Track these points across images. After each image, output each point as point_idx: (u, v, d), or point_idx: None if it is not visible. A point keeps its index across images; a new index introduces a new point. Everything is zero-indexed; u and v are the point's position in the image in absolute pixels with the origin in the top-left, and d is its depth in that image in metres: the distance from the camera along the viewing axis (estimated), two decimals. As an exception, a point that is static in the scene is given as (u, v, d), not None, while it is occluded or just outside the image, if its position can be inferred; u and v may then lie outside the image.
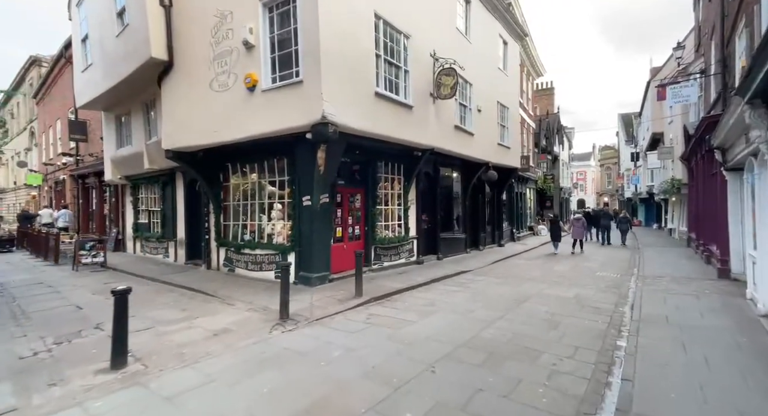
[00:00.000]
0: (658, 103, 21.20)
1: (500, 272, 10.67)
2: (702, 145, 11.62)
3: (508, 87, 15.56)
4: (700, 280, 9.04)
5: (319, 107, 6.22)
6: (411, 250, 10.88)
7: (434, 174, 12.12)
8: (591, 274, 10.35)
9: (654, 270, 10.60)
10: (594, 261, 12.90)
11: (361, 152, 8.72)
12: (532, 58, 23.36)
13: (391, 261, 10.05)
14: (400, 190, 10.44)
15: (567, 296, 7.74)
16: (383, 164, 9.76)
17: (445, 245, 12.57)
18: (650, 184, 26.75)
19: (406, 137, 8.83)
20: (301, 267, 7.91)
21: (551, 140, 30.44)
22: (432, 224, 12.19)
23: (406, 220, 10.55)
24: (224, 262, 9.27)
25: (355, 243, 9.17)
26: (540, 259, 13.32)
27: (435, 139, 10.06)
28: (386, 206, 9.96)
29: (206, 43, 7.61)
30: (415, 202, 11.11)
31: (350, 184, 9.04)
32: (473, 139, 12.39)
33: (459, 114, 11.49)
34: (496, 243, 16.69)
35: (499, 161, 14.53)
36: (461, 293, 7.97)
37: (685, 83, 9.82)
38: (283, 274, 5.78)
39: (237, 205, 9.13)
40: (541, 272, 10.69)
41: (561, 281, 9.33)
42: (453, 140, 11.08)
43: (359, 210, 9.36)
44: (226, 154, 8.81)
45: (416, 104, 9.13)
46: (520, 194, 21.47)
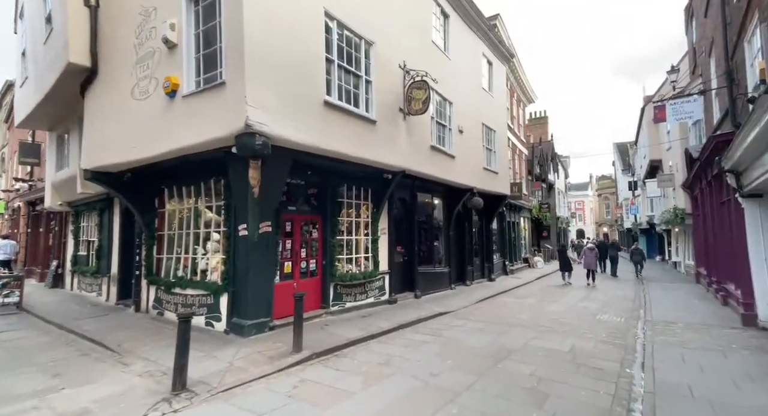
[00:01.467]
0: (655, 129, 20.34)
1: (484, 314, 9.16)
2: (708, 170, 10.44)
3: (495, 109, 14.63)
4: (721, 328, 7.54)
5: (242, 114, 5.02)
6: (381, 288, 9.41)
7: (411, 200, 10.85)
8: (590, 318, 8.84)
9: (664, 314, 9.10)
10: (594, 300, 11.38)
11: (315, 173, 7.49)
12: (522, 84, 22.79)
13: (355, 301, 8.58)
14: (368, 217, 9.12)
15: (560, 349, 6.25)
16: (346, 188, 8.50)
17: (424, 281, 11.09)
18: (650, 214, 25.51)
19: (369, 156, 7.63)
20: (234, 312, 6.46)
21: (545, 168, 29.52)
22: (408, 257, 10.78)
23: (376, 253, 9.16)
24: (153, 304, 7.80)
25: (309, 280, 7.75)
26: (532, 297, 11.80)
27: (407, 160, 8.87)
28: (350, 236, 8.61)
29: (131, 45, 6.55)
30: (387, 231, 9.77)
31: (304, 211, 7.74)
32: (454, 162, 11.23)
33: (436, 134, 10.38)
34: (486, 278, 15.18)
35: (485, 187, 13.32)
36: (430, 345, 6.46)
37: (687, 99, 8.76)
38: (181, 329, 4.35)
39: (172, 235, 7.78)
40: (532, 314, 9.18)
41: (554, 327, 7.83)
42: (430, 162, 9.90)
43: (316, 241, 8.00)
44: (160, 175, 7.57)
45: (382, 119, 8.00)
46: (513, 223, 20.16)
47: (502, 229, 18.14)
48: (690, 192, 15.34)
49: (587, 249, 14.94)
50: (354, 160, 7.59)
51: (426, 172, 9.78)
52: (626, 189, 37.28)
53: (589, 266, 14.46)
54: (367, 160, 7.73)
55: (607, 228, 63.58)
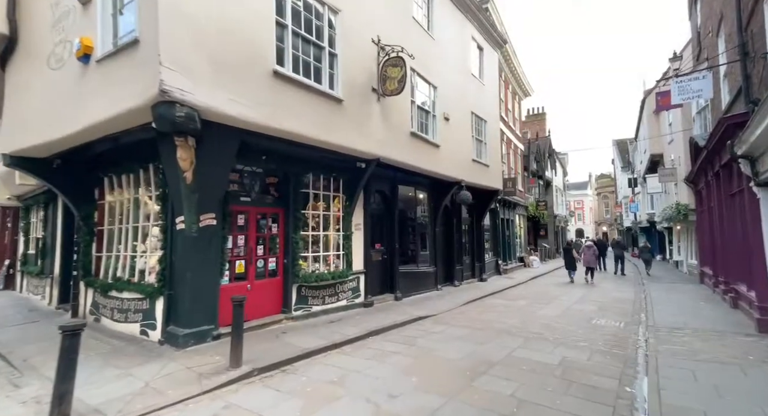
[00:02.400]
0: (656, 122, 19.45)
1: (469, 318, 8.25)
2: (716, 159, 9.54)
3: (486, 98, 13.71)
4: (734, 335, 6.63)
5: (156, 76, 4.10)
6: (355, 289, 8.50)
7: (391, 193, 9.94)
8: (585, 322, 7.94)
9: (668, 318, 8.19)
10: (590, 302, 10.47)
11: (273, 159, 6.57)
12: (518, 76, 21.87)
13: (324, 304, 7.66)
14: (340, 211, 8.20)
15: (549, 362, 5.34)
16: (312, 177, 7.58)
17: (406, 281, 10.18)
18: (651, 212, 24.61)
19: (335, 140, 6.71)
20: (171, 319, 5.54)
21: (542, 164, 28.61)
22: (388, 255, 9.87)
23: (348, 251, 8.24)
24: (90, 308, 6.88)
25: (267, 282, 6.83)
26: (524, 299, 10.89)
27: (382, 147, 7.96)
28: (318, 232, 7.69)
29: (48, 5, 5.63)
30: (362, 227, 8.85)
31: (262, 202, 6.82)
32: (439, 151, 10.31)
33: (418, 119, 9.46)
34: (476, 278, 14.28)
35: (475, 180, 12.40)
36: (399, 357, 5.55)
37: (695, 75, 7.84)
38: (65, 346, 3.42)
39: (113, 231, 6.85)
40: (522, 318, 8.28)
41: (544, 334, 6.92)
42: (409, 150, 8.98)
43: (276, 236, 7.08)
44: (96, 162, 6.66)
45: (351, 99, 7.09)
46: (508, 221, 19.24)
47: (495, 227, 17.23)
48: (694, 186, 14.44)
49: (586, 248, 15.03)
50: (317, 144, 6.68)
51: (405, 161, 8.86)
52: (626, 187, 36.43)
53: (588, 264, 14.58)
54: (332, 145, 6.82)
55: (606, 227, 62.86)
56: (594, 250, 14.80)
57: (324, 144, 6.69)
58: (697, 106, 12.60)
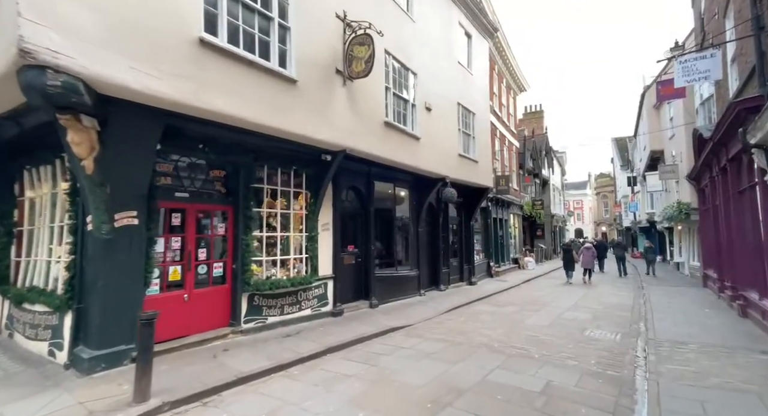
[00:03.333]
0: (656, 117, 18.57)
1: (447, 329, 7.37)
2: (723, 152, 8.66)
3: (474, 89, 12.82)
4: (748, 353, 5.74)
5: (14, 29, 3.21)
6: (322, 297, 7.61)
7: (366, 190, 9.05)
8: (578, 334, 7.06)
9: (670, 329, 7.31)
10: (585, 309, 9.58)
11: (215, 148, 5.67)
12: (512, 69, 20.98)
13: (282, 314, 6.77)
14: (304, 209, 7.31)
15: (529, 389, 4.46)
16: (268, 171, 6.68)
17: (383, 287, 9.29)
18: (650, 211, 23.73)
19: (288, 127, 5.81)
20: (79, 338, 4.64)
21: (538, 162, 27.72)
22: (363, 258, 8.98)
23: (314, 253, 7.35)
24: (6, 322, 5.97)
25: (212, 289, 5.93)
26: (513, 305, 10.00)
27: (349, 137, 7.07)
28: (275, 233, 6.79)
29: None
30: (331, 227, 7.96)
31: (205, 199, 5.92)
32: (420, 144, 9.42)
33: (394, 108, 8.56)
34: (465, 281, 13.39)
35: (461, 177, 11.51)
36: (352, 381, 4.67)
37: (702, 53, 6.95)
38: None
39: (32, 232, 5.95)
40: (507, 329, 7.39)
41: (529, 349, 6.03)
42: (384, 142, 8.09)
43: (223, 238, 6.19)
44: (11, 151, 5.77)
45: (309, 81, 6.19)
46: (501, 221, 18.35)
47: (487, 226, 16.34)
48: (696, 184, 13.56)
49: (584, 249, 15.04)
50: (267, 132, 5.79)
51: (378, 154, 7.97)
52: (625, 186, 35.56)
53: (587, 265, 14.61)
54: (285, 132, 5.92)
55: (605, 227, 62.07)
56: (593, 252, 15.02)
57: (275, 131, 5.80)
58: (701, 98, 11.71)
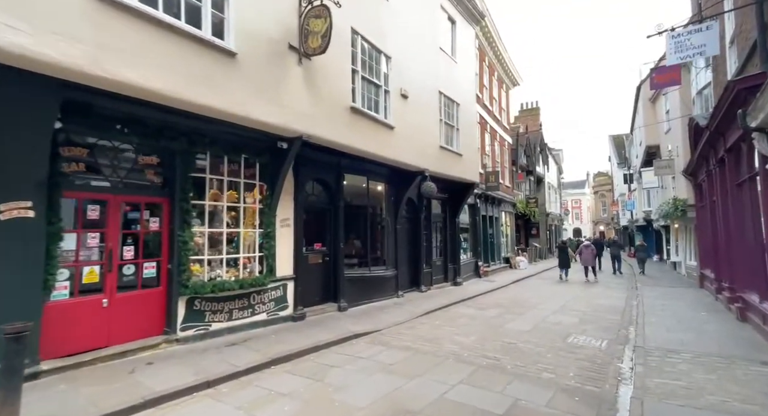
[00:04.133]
0: (652, 110, 17.90)
1: (417, 335, 6.69)
2: (720, 142, 7.99)
3: (459, 78, 12.12)
4: (748, 364, 5.07)
5: None
6: (281, 300, 6.92)
7: (335, 183, 8.36)
8: (560, 341, 6.38)
9: (662, 335, 6.64)
10: (572, 311, 8.90)
11: (141, 130, 4.97)
12: (504, 62, 20.27)
13: (230, 320, 6.08)
14: (257, 203, 6.62)
15: (490, 410, 3.80)
16: (213, 159, 5.98)
17: (354, 288, 8.61)
18: (647, 209, 23.08)
19: (222, 105, 5.10)
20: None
21: (533, 159, 27.08)
22: (331, 257, 8.30)
23: (270, 251, 6.66)
24: None
25: (140, 293, 5.23)
26: (496, 307, 9.33)
27: (307, 123, 6.37)
28: (221, 228, 6.10)
29: None
30: (292, 222, 7.28)
31: (132, 189, 5.23)
32: (394, 134, 8.73)
33: (364, 94, 7.86)
34: (450, 281, 12.71)
35: (443, 171, 10.83)
36: (282, 403, 3.98)
37: (696, 26, 6.26)
38: None
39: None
40: (482, 335, 6.71)
41: (501, 360, 5.36)
42: (351, 130, 7.40)
43: (158, 234, 5.49)
44: None
45: (251, 54, 5.47)
46: (491, 218, 17.67)
47: (475, 224, 15.65)
48: (693, 179, 12.90)
49: (584, 247, 15.20)
50: (202, 112, 5.10)
51: (344, 143, 7.28)
52: (622, 184, 34.91)
53: (587, 263, 14.76)
54: (225, 113, 5.23)
55: (603, 226, 61.54)
56: (592, 249, 15.08)
57: (212, 111, 5.10)
58: (697, 87, 11.05)
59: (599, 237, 45.12)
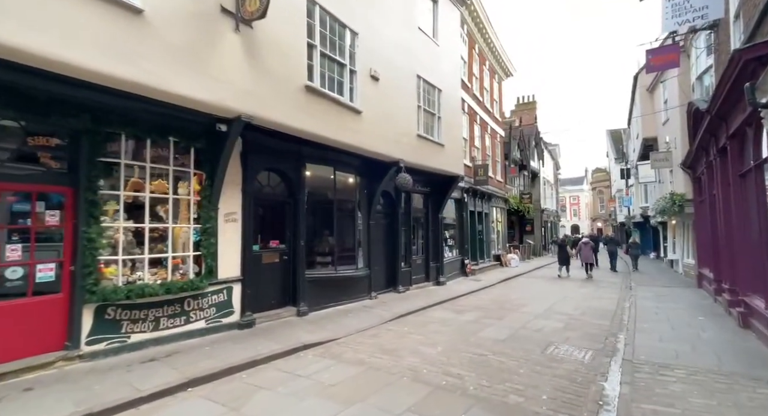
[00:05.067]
0: (650, 100, 17.05)
1: (377, 345, 5.89)
2: (722, 128, 7.16)
3: (441, 62, 11.25)
4: (754, 384, 4.26)
5: None
6: (224, 305, 6.10)
7: (296, 174, 7.52)
8: (539, 351, 5.59)
9: (654, 345, 5.84)
10: (558, 315, 8.10)
11: (24, 104, 4.12)
12: (496, 51, 19.35)
13: (157, 330, 5.26)
14: (195, 194, 5.78)
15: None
16: (131, 142, 5.13)
17: (318, 290, 7.80)
18: (644, 205, 22.28)
19: (132, 76, 4.24)
20: None
21: (527, 153, 26.22)
22: (290, 255, 7.47)
23: (211, 250, 5.83)
24: None
25: (29, 301, 4.38)
26: (476, 311, 8.52)
27: (248, 101, 5.52)
28: (143, 223, 5.25)
29: None
30: (240, 217, 6.45)
31: (17, 176, 4.37)
32: (361, 120, 7.88)
33: (320, 70, 6.98)
34: (432, 281, 11.91)
35: (422, 162, 9.99)
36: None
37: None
38: None
39: None
40: (452, 344, 5.91)
41: (465, 378, 4.55)
42: (306, 112, 6.54)
43: (58, 231, 4.65)
44: None
45: (169, 15, 4.57)
46: (480, 214, 16.85)
47: (462, 220, 14.82)
48: (692, 172, 12.10)
49: (582, 244, 15.34)
50: (106, 83, 4.24)
51: (297, 126, 6.43)
52: (619, 179, 34.09)
53: (587, 259, 14.85)
54: (136, 85, 4.37)
55: (601, 223, 60.94)
56: (591, 246, 15.16)
57: (109, 80, 4.22)
58: (697, 71, 10.20)
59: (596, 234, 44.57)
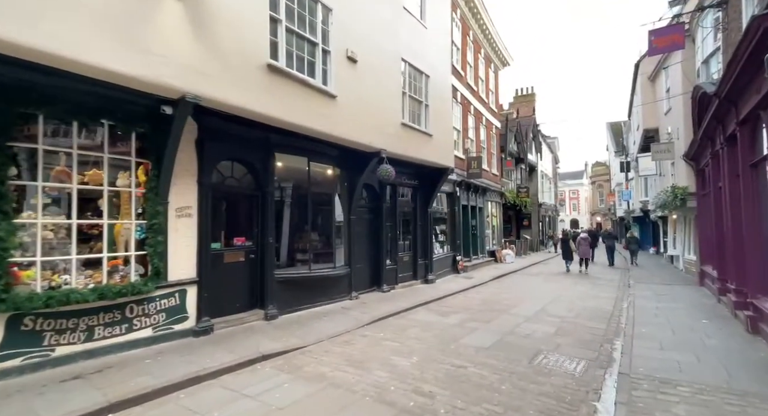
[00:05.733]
0: (651, 89, 16.33)
1: (346, 355, 5.28)
2: (731, 114, 6.49)
3: (429, 46, 10.51)
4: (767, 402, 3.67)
5: None
6: (176, 310, 5.48)
7: (264, 164, 6.86)
8: (524, 363, 4.97)
9: (654, 355, 5.23)
10: (550, 317, 7.48)
11: None
12: (492, 39, 18.57)
13: (91, 341, 4.63)
14: (136, 186, 5.12)
15: None
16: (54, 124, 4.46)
17: (290, 291, 7.18)
18: (644, 199, 21.64)
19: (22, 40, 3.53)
20: None
21: (524, 146, 25.53)
22: (258, 254, 6.83)
23: (158, 249, 5.19)
24: None
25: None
26: (462, 312, 7.90)
27: (195, 78, 4.85)
28: (71, 219, 4.60)
29: None
30: (196, 212, 5.80)
31: None
32: (336, 105, 7.20)
33: (286, 49, 6.26)
34: (420, 279, 11.30)
35: (407, 153, 9.32)
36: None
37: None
38: None
39: None
40: (428, 354, 5.29)
41: (434, 399, 3.93)
42: (268, 93, 5.86)
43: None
44: None
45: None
46: (474, 208, 16.21)
47: (454, 215, 14.18)
48: (695, 164, 11.45)
49: (581, 239, 15.38)
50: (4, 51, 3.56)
51: (258, 110, 5.75)
52: (619, 173, 33.40)
53: (585, 255, 14.98)
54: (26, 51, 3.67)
55: (600, 217, 60.39)
56: (589, 241, 15.32)
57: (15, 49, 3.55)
58: (703, 55, 9.50)
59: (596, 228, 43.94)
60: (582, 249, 15.03)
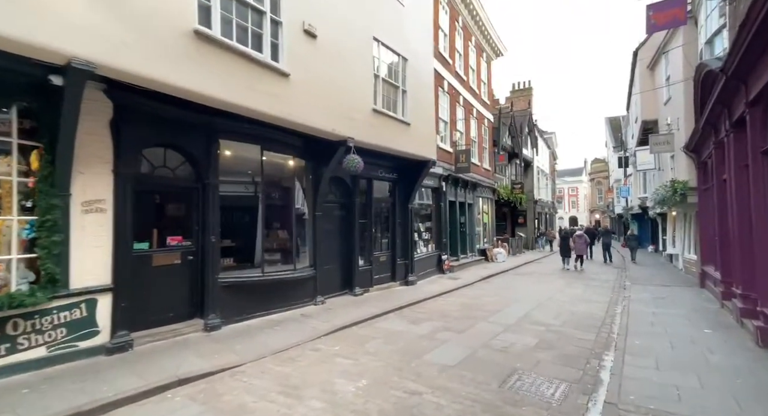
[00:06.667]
0: (650, 79, 15.42)
1: (286, 376, 4.41)
2: (739, 94, 5.61)
3: (408, 26, 9.59)
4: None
5: None
6: (82, 324, 4.61)
7: (206, 152, 5.97)
8: (492, 387, 4.11)
9: (649, 376, 4.37)
10: (534, 325, 6.60)
11: None
12: (484, 27, 17.61)
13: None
14: (25, 175, 4.24)
15: None
16: None
17: (238, 297, 6.31)
18: (643, 196, 20.75)
19: None
20: None
21: (519, 140, 24.61)
22: (197, 255, 5.95)
23: (53, 250, 4.31)
24: None
25: None
26: (436, 320, 7.03)
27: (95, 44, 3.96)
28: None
29: None
30: (112, 206, 4.91)
31: None
32: (290, 85, 6.29)
33: (220, 13, 5.29)
34: (399, 280, 10.43)
35: (380, 142, 8.43)
36: None
37: None
38: None
39: None
40: (382, 375, 4.42)
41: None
42: (194, 64, 4.94)
43: None
44: None
45: None
46: (463, 205, 15.32)
47: (440, 212, 13.29)
48: (696, 156, 10.57)
49: (577, 237, 15.30)
50: None
51: (175, 84, 4.82)
52: (617, 169, 32.51)
53: (580, 252, 15.04)
54: None
55: (599, 214, 59.66)
56: (585, 239, 15.36)
57: None
58: (706, 34, 8.60)
59: (594, 226, 43.13)
60: (578, 247, 14.99)
